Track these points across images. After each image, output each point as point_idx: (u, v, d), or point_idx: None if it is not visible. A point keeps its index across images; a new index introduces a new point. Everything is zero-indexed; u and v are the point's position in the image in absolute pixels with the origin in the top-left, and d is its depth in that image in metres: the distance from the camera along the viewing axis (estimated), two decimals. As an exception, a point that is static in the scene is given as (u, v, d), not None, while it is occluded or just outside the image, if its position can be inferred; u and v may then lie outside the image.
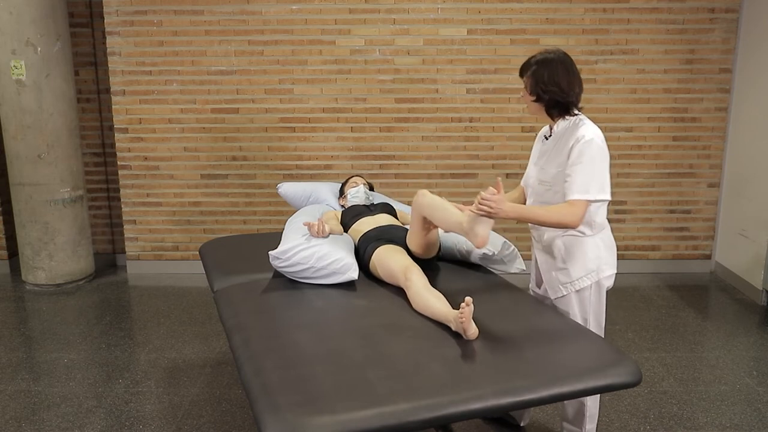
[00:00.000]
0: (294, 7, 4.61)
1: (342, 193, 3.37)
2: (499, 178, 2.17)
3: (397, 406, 1.64)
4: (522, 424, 2.83)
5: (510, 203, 2.13)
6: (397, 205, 3.34)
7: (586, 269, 2.31)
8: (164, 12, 4.62)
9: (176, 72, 4.71)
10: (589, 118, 2.32)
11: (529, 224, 2.41)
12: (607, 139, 4.90)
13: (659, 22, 4.59)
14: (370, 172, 4.82)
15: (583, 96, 2.40)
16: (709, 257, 4.96)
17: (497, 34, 4.62)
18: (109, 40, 4.67)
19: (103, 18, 4.67)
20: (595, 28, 4.61)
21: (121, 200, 4.92)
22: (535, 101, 2.30)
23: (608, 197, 2.20)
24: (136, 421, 2.88)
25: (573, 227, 2.21)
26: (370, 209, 3.06)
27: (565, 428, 2.57)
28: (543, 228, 2.38)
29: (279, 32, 4.65)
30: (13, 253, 5.08)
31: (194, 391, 3.16)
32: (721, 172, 4.83)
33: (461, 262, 2.86)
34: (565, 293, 2.36)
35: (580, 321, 2.36)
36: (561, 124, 2.30)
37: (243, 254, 3.03)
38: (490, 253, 2.72)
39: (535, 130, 4.71)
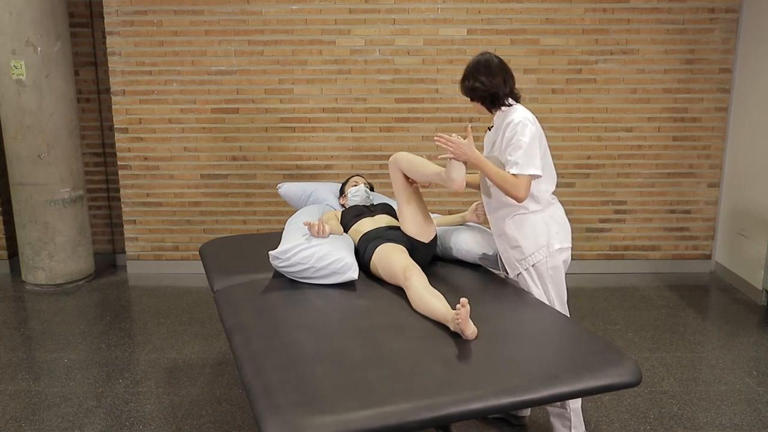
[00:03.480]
0: (294, 7, 4.61)
1: (342, 192, 3.37)
2: (468, 125, 2.45)
3: (397, 406, 1.64)
4: (522, 415, 2.83)
5: (476, 150, 2.38)
6: (397, 206, 3.34)
7: (537, 244, 2.48)
8: (164, 12, 4.62)
9: (176, 72, 4.71)
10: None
11: (486, 209, 2.67)
12: (607, 139, 4.91)
13: (659, 22, 4.60)
14: (370, 172, 4.83)
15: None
16: (709, 257, 4.96)
17: (497, 34, 4.62)
18: (109, 40, 4.67)
19: (103, 18, 4.67)
20: (595, 28, 4.61)
21: (121, 200, 4.92)
22: (472, 101, 2.55)
23: (540, 173, 2.41)
24: (136, 421, 2.88)
25: (518, 200, 2.40)
26: (371, 209, 3.06)
27: (550, 412, 2.59)
28: (496, 211, 2.57)
29: (279, 32, 4.65)
30: (13, 253, 5.08)
31: (194, 391, 3.16)
32: (721, 172, 4.83)
33: (461, 262, 2.86)
34: (521, 270, 2.52)
35: (541, 296, 2.51)
36: (498, 115, 2.53)
37: (243, 254, 3.03)
38: (490, 253, 2.73)
39: (535, 130, 4.70)
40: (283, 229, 2.92)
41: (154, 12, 4.62)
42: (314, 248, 2.53)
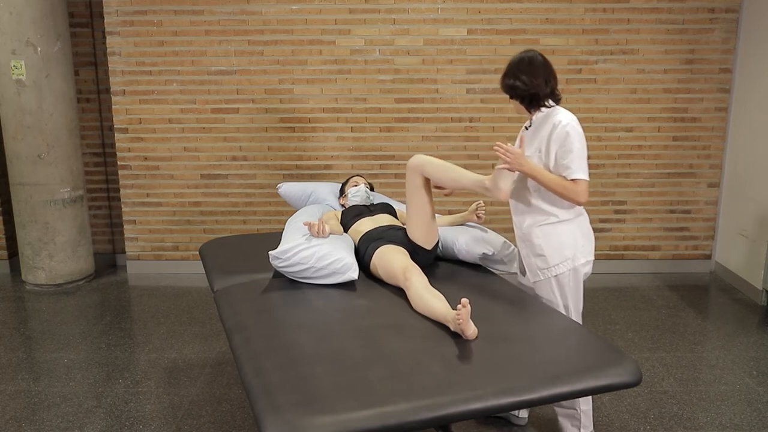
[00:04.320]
0: (294, 7, 4.61)
1: (342, 192, 3.37)
2: (523, 134, 2.37)
3: (397, 406, 1.64)
4: (521, 416, 2.83)
5: (531, 161, 2.35)
6: (397, 205, 3.34)
7: (563, 256, 2.44)
8: (164, 12, 4.62)
9: (176, 72, 4.71)
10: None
11: (512, 211, 2.59)
12: (607, 139, 4.91)
13: (659, 22, 4.60)
14: (370, 172, 4.82)
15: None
16: (709, 257, 4.96)
17: (497, 34, 4.62)
18: (109, 40, 4.67)
19: (103, 18, 4.67)
20: (595, 28, 4.61)
21: (121, 200, 4.92)
22: (510, 98, 2.49)
23: (587, 177, 2.38)
24: (136, 421, 2.88)
25: (579, 204, 2.37)
26: (371, 209, 3.06)
27: (559, 413, 2.59)
28: (524, 215, 2.51)
29: (279, 32, 4.65)
30: (13, 253, 5.08)
31: (194, 391, 3.16)
32: (721, 172, 4.83)
33: (461, 262, 2.86)
34: (542, 278, 2.48)
35: (560, 305, 2.48)
36: (538, 115, 2.47)
37: (243, 254, 3.03)
38: (490, 253, 2.73)
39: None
40: (283, 229, 2.92)
41: (154, 12, 4.62)
42: (314, 248, 2.53)
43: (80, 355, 3.54)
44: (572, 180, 2.33)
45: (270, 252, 2.55)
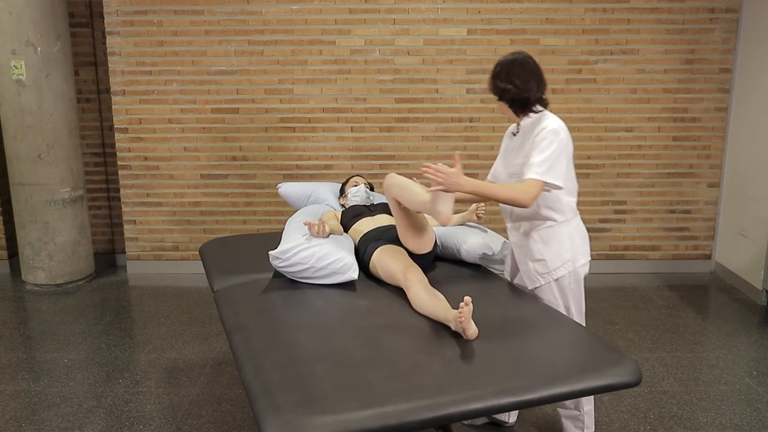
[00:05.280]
0: (294, 7, 4.61)
1: (342, 192, 3.37)
2: (457, 153, 2.27)
3: (397, 406, 1.64)
4: (510, 422, 2.83)
5: (467, 177, 2.21)
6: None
7: (563, 259, 2.40)
8: (164, 12, 4.62)
9: (176, 72, 4.71)
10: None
11: (506, 219, 2.55)
12: (607, 139, 4.90)
13: (659, 22, 4.60)
14: (370, 172, 4.82)
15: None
16: (709, 257, 4.96)
17: (497, 34, 4.62)
18: (109, 40, 4.67)
19: (103, 18, 4.67)
20: (595, 28, 4.61)
21: (121, 200, 4.92)
22: (498, 100, 2.41)
23: (560, 184, 2.28)
24: (136, 421, 2.88)
25: (524, 206, 2.26)
26: (370, 209, 3.06)
27: (563, 414, 2.58)
28: (519, 220, 2.48)
29: (279, 32, 4.65)
30: (13, 253, 5.08)
31: (194, 391, 3.16)
32: (721, 172, 4.83)
33: (461, 262, 2.86)
34: (543, 283, 2.44)
35: (562, 309, 2.44)
36: (526, 121, 2.42)
37: (243, 254, 3.03)
38: (490, 253, 2.73)
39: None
40: (283, 229, 2.92)
41: (154, 12, 4.62)
42: (314, 248, 2.53)
43: (80, 355, 3.54)
44: (526, 180, 2.24)
45: (270, 252, 2.55)
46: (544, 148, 2.26)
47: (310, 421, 1.57)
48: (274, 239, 3.09)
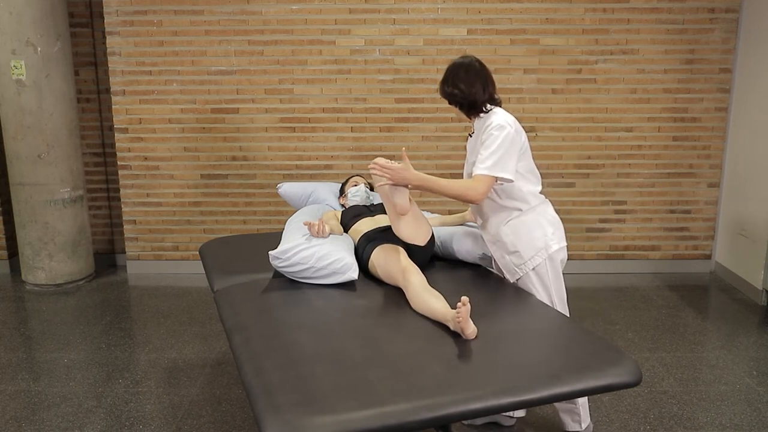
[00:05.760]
0: (294, 7, 4.61)
1: (342, 192, 3.37)
2: (404, 149, 2.35)
3: (397, 406, 1.64)
4: (516, 416, 2.83)
5: (416, 172, 2.32)
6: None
7: (535, 248, 2.46)
8: (164, 12, 4.62)
9: (176, 72, 4.71)
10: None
11: (477, 223, 2.62)
12: (607, 139, 4.89)
13: (659, 22, 4.60)
14: (370, 172, 4.82)
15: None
16: (709, 257, 4.96)
17: (497, 34, 4.62)
18: (109, 40, 4.67)
19: (103, 18, 4.67)
20: (595, 28, 4.61)
21: (121, 200, 4.92)
22: (449, 104, 2.51)
23: (510, 177, 2.34)
24: (136, 421, 2.88)
25: (475, 202, 2.35)
26: (370, 209, 3.06)
27: (559, 408, 2.61)
28: (487, 217, 2.54)
29: (279, 32, 4.65)
30: (13, 253, 5.08)
31: (194, 391, 3.16)
32: (721, 172, 4.83)
33: (461, 262, 2.86)
34: (521, 274, 2.50)
35: (544, 298, 2.49)
36: (478, 121, 2.49)
37: (243, 254, 3.03)
38: (489, 254, 2.73)
39: (534, 130, 4.71)
40: (283, 229, 2.92)
41: (154, 12, 4.62)
42: (314, 248, 2.53)
43: (80, 355, 3.54)
44: (475, 176, 2.32)
45: (270, 252, 2.55)
46: (490, 144, 2.34)
47: (310, 421, 1.57)
48: (274, 239, 3.09)
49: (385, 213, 3.02)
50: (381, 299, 2.43)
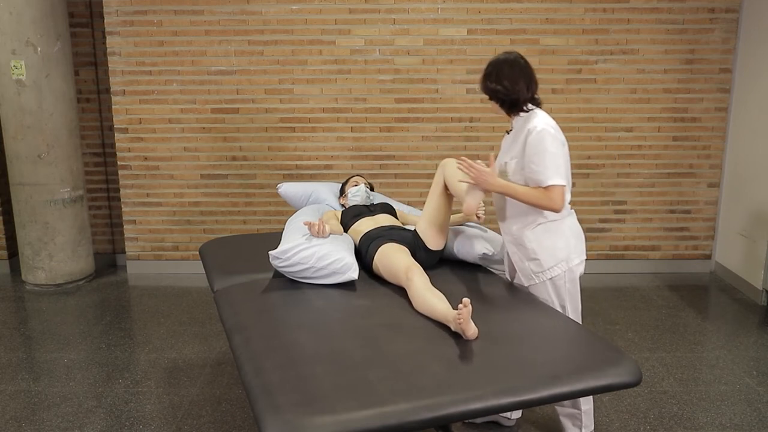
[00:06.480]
0: (294, 7, 4.61)
1: (342, 192, 3.37)
2: (492, 153, 2.33)
3: (397, 406, 1.64)
4: (512, 417, 2.84)
5: (498, 179, 2.34)
6: (397, 205, 3.35)
7: (557, 258, 2.41)
8: (164, 12, 4.62)
9: (176, 72, 4.71)
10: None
11: (498, 218, 2.58)
12: (607, 139, 4.89)
13: (659, 22, 4.60)
14: (370, 172, 4.83)
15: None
16: (709, 257, 4.96)
17: (497, 34, 4.62)
18: (109, 40, 4.67)
19: (103, 18, 4.67)
20: (595, 28, 4.61)
21: (121, 200, 4.92)
22: (490, 100, 2.46)
23: (566, 184, 2.34)
24: (136, 421, 2.88)
25: (556, 211, 2.33)
26: (370, 209, 3.06)
27: (561, 413, 2.59)
28: (511, 220, 2.49)
29: (279, 32, 4.65)
30: (13, 253, 5.08)
31: (194, 391, 3.16)
32: (721, 172, 4.83)
33: (461, 262, 2.86)
34: (537, 281, 2.46)
35: (557, 307, 2.46)
36: (517, 120, 2.45)
37: (243, 254, 3.03)
38: (490, 253, 2.73)
39: (535, 130, 4.70)
40: (283, 229, 2.92)
41: (154, 12, 4.62)
42: (314, 248, 2.53)
43: (80, 355, 3.54)
44: (546, 187, 2.29)
45: (270, 252, 2.55)
46: (542, 152, 2.29)
47: (310, 421, 1.57)
48: (274, 239, 3.09)
49: (385, 213, 3.02)
50: (381, 299, 2.43)
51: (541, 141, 2.29)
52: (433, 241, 2.69)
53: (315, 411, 1.61)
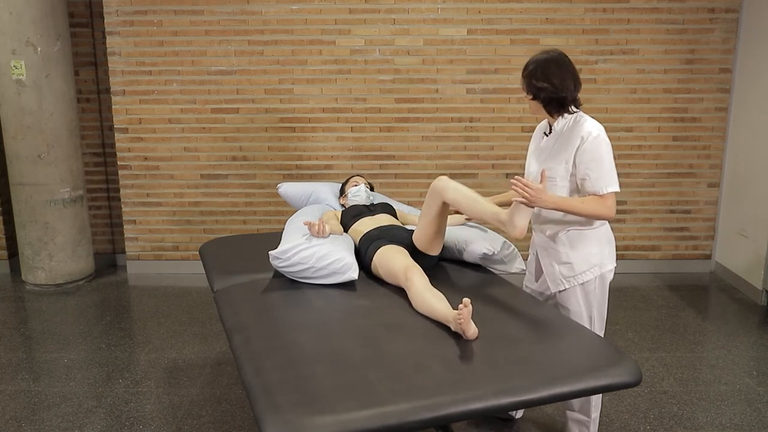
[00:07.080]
0: (294, 7, 4.61)
1: (342, 192, 3.37)
2: (545, 169, 2.24)
3: (397, 406, 1.64)
4: (516, 417, 2.84)
5: (551, 194, 2.24)
6: (397, 205, 3.34)
7: (590, 263, 2.37)
8: (164, 12, 4.62)
9: (176, 72, 4.71)
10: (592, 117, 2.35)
11: (533, 218, 2.49)
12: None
13: (659, 22, 4.59)
14: (370, 172, 4.82)
15: (583, 96, 2.43)
16: (709, 257, 4.96)
17: (497, 34, 4.62)
18: (109, 40, 4.67)
19: (103, 18, 4.67)
20: (595, 28, 4.61)
21: (121, 200, 4.92)
22: (532, 99, 2.36)
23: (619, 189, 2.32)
24: (136, 421, 2.88)
25: (610, 219, 2.31)
26: (370, 209, 3.06)
27: (570, 417, 2.58)
28: (547, 222, 2.43)
29: (279, 32, 4.65)
30: (13, 253, 5.08)
31: (194, 391, 3.16)
32: (721, 172, 4.83)
33: (461, 262, 2.86)
34: (567, 287, 2.41)
35: (584, 314, 2.41)
36: (560, 122, 2.37)
37: (243, 254, 3.03)
38: (490, 253, 2.72)
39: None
40: (283, 229, 2.92)
41: (154, 12, 4.62)
42: (314, 248, 2.53)
43: (80, 355, 3.54)
44: (601, 195, 2.25)
45: (270, 252, 2.55)
46: (600, 158, 2.25)
47: (310, 421, 1.57)
48: (274, 239, 3.09)
49: (385, 213, 3.02)
50: (381, 299, 2.43)
51: (598, 148, 2.25)
52: (431, 248, 2.67)
53: (315, 411, 1.62)
